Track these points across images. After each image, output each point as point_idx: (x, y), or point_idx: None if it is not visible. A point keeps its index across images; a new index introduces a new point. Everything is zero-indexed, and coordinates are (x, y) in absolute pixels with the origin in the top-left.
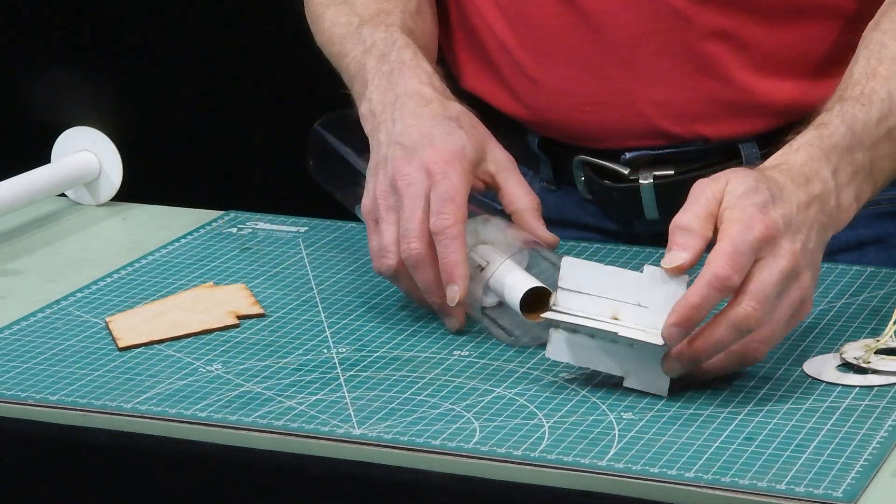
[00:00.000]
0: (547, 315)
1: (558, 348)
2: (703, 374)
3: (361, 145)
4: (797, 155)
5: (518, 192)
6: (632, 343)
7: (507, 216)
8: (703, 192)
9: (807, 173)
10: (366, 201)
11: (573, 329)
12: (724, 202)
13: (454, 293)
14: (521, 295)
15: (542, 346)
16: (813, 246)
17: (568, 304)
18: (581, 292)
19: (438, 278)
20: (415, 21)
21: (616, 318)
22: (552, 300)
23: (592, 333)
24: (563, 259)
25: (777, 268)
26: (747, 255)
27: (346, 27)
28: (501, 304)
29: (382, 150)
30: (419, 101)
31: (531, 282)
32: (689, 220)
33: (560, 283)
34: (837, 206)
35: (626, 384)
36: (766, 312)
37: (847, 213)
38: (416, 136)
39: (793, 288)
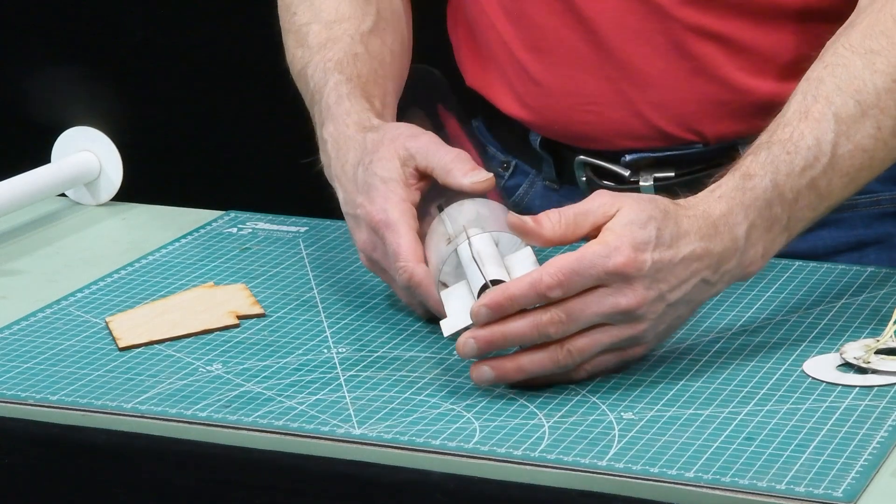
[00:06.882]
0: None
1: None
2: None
3: None
4: (717, 204)
5: (445, 161)
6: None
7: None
8: (597, 201)
9: (718, 227)
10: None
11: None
12: (610, 222)
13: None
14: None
15: None
16: (675, 300)
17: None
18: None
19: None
20: (365, 43)
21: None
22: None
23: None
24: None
25: (611, 302)
26: (584, 279)
27: (300, 63)
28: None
29: (345, 208)
30: (343, 151)
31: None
32: (563, 213)
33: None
34: (738, 264)
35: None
36: (571, 329)
37: (749, 268)
38: (354, 203)
39: (623, 325)
